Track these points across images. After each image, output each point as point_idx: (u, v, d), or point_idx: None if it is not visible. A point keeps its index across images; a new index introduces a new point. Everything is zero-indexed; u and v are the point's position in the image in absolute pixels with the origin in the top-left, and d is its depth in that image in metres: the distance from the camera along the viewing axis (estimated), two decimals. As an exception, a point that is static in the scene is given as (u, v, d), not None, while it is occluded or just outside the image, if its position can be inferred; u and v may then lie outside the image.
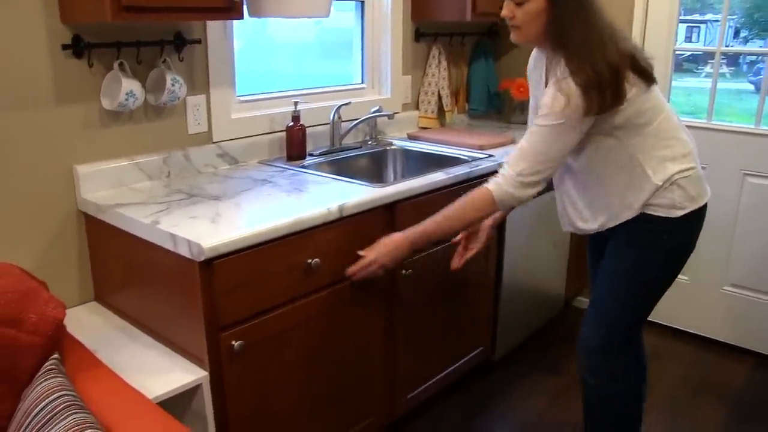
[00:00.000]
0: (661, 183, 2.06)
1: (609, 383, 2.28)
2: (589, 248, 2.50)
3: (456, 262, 2.40)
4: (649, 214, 2.10)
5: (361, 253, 2.22)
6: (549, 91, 1.99)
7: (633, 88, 2.00)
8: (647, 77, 2.06)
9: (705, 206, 2.19)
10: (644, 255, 2.16)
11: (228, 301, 1.94)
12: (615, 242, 2.22)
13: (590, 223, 2.23)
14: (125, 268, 2.21)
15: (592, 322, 2.27)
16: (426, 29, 3.53)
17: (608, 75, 1.92)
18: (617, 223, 2.15)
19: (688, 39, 3.74)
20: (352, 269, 2.22)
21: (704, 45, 3.82)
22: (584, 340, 2.28)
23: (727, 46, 3.42)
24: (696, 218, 2.16)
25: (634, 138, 2.05)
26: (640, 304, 2.23)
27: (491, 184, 2.10)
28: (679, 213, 2.10)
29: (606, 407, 2.32)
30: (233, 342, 1.97)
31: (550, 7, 1.99)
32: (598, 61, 1.92)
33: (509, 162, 2.07)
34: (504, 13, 2.06)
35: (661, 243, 2.14)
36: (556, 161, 2.04)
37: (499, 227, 2.83)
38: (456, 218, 2.15)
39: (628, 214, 2.12)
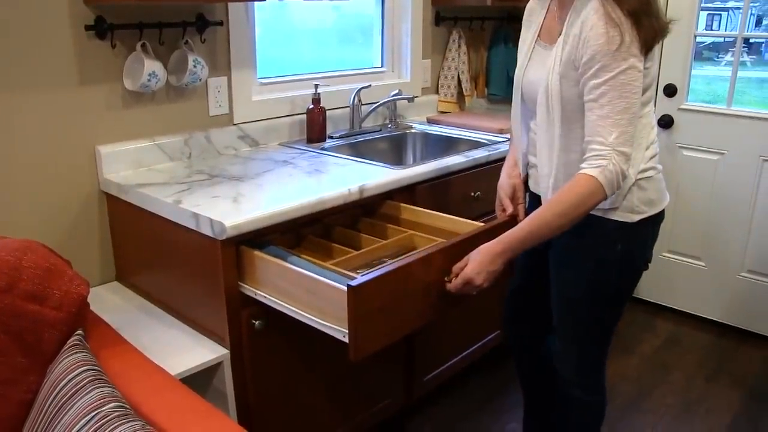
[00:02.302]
0: (633, 180, 1.83)
1: (583, 394, 2.14)
2: None
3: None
4: (600, 218, 1.87)
5: (455, 268, 1.86)
6: (596, 32, 1.67)
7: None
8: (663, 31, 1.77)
9: (663, 213, 1.95)
10: (596, 275, 1.94)
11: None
12: (560, 257, 2.01)
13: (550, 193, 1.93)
14: (147, 248, 2.24)
15: (561, 341, 2.11)
16: (446, 13, 3.52)
17: (652, 2, 1.70)
18: None
19: (709, 27, 3.72)
20: (451, 287, 1.88)
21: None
22: (557, 358, 2.14)
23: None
24: (652, 225, 1.93)
25: None
26: (603, 320, 2.03)
27: (591, 170, 1.70)
28: (636, 218, 1.86)
29: (579, 416, 2.19)
30: (254, 321, 1.99)
31: None
32: None
33: (595, 138, 1.72)
34: None
35: (613, 255, 1.90)
36: (637, 117, 1.73)
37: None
38: (562, 216, 1.74)
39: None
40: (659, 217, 1.94)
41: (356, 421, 2.48)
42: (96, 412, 1.38)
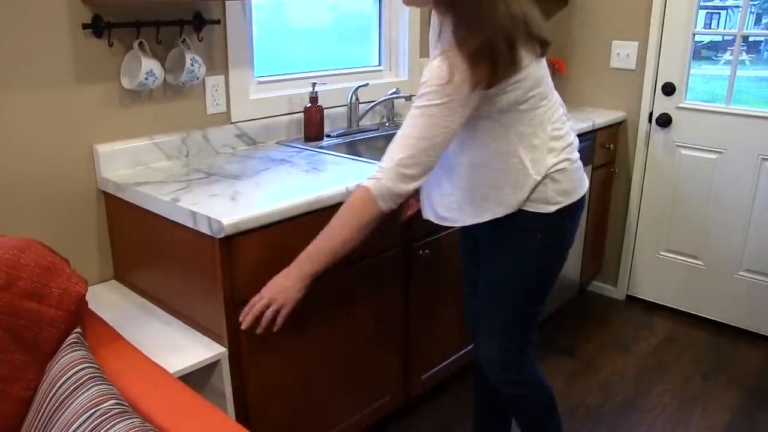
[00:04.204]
0: (539, 178, 1.88)
1: (515, 391, 2.16)
2: (461, 239, 2.32)
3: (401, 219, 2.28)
4: (519, 210, 1.92)
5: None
6: (432, 64, 1.75)
7: (526, 57, 1.77)
8: (540, 47, 1.82)
9: (581, 201, 2.00)
10: (518, 262, 1.99)
11: (247, 277, 1.96)
12: (485, 246, 2.07)
13: (454, 213, 2.00)
14: (144, 247, 2.23)
15: (483, 335, 2.12)
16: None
17: (500, 42, 1.70)
18: (486, 220, 1.95)
19: (708, 26, 3.71)
20: (242, 317, 1.93)
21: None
22: (480, 354, 2.16)
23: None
24: (570, 214, 1.98)
25: (517, 126, 1.84)
26: (525, 311, 2.06)
27: (369, 181, 1.83)
28: (552, 208, 1.92)
29: (523, 412, 2.22)
30: (252, 319, 1.98)
31: None
32: (488, 25, 1.69)
33: (388, 152, 1.82)
34: None
35: (534, 244, 1.96)
36: (441, 148, 1.79)
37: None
38: (338, 227, 1.85)
39: (500, 211, 1.92)
40: (578, 205, 1.99)
41: (354, 419, 2.48)
42: (95, 409, 1.38)
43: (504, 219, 1.94)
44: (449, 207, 2.00)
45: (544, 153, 1.89)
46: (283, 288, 1.88)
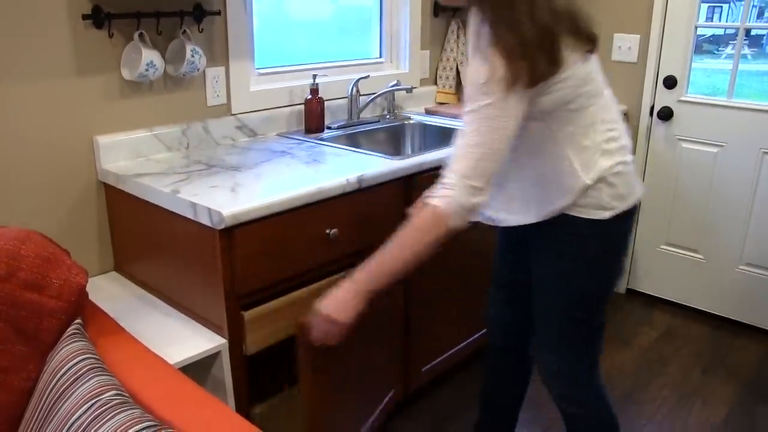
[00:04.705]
0: (591, 182, 1.77)
1: (574, 409, 2.06)
2: (499, 240, 2.22)
3: None
4: (573, 216, 1.81)
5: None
6: (471, 66, 1.67)
7: (572, 54, 1.68)
8: (589, 43, 1.72)
9: (635, 207, 1.89)
10: (571, 269, 1.88)
11: (247, 269, 1.96)
12: (536, 250, 1.96)
13: (501, 213, 1.94)
14: (145, 238, 2.23)
15: (539, 345, 2.03)
16: (445, 4, 3.51)
17: (538, 39, 1.60)
18: (533, 221, 1.87)
19: (710, 19, 3.71)
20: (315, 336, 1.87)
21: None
22: (541, 366, 2.05)
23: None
24: (626, 220, 1.86)
25: (566, 127, 1.74)
26: (581, 319, 1.93)
27: (436, 200, 1.68)
28: (608, 214, 1.80)
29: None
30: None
31: None
32: (524, 22, 1.59)
33: (449, 167, 1.68)
34: None
35: (587, 251, 1.85)
36: (501, 153, 1.65)
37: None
38: (404, 248, 1.74)
39: (548, 213, 1.83)
40: (632, 210, 1.88)
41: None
42: (95, 399, 1.38)
43: (558, 225, 1.84)
44: (496, 207, 1.94)
45: (596, 155, 1.77)
46: (340, 304, 1.79)
